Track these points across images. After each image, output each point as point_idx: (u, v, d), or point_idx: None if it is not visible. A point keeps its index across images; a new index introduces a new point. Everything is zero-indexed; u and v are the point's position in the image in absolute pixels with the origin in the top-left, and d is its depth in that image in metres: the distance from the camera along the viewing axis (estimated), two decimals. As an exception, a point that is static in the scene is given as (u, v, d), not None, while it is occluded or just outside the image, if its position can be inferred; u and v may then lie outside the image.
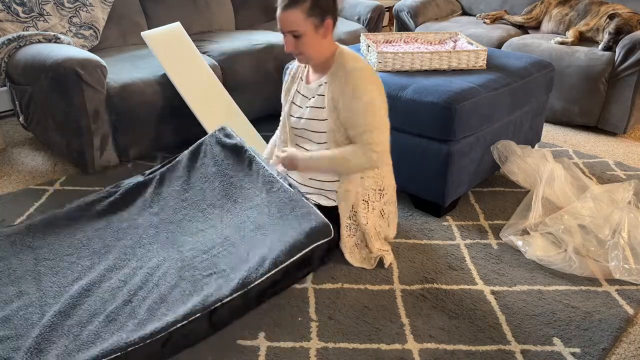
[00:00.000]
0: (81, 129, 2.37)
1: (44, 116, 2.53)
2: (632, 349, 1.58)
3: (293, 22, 1.66)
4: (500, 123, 2.27)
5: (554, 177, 2.20)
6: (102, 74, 2.36)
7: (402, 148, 2.18)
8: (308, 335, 1.59)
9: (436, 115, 2.02)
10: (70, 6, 2.84)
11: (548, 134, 3.13)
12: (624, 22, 2.99)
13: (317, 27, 1.69)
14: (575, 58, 3.03)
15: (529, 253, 1.96)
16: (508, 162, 2.29)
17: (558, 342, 1.58)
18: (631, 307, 1.72)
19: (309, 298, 1.75)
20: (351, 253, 1.89)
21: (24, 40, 2.54)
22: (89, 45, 2.89)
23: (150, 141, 2.62)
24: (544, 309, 1.72)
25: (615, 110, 3.03)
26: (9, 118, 3.25)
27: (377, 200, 1.88)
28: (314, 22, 1.67)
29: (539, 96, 2.48)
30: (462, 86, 2.09)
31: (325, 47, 1.77)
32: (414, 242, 2.06)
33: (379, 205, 1.89)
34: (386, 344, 1.57)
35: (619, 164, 2.73)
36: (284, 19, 1.68)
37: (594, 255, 1.91)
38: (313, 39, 1.71)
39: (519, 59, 2.45)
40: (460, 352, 1.54)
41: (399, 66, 2.29)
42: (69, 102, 2.32)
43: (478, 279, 1.85)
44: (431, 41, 2.64)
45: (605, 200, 2.10)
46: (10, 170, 2.63)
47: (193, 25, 3.30)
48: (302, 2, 1.64)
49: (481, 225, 2.18)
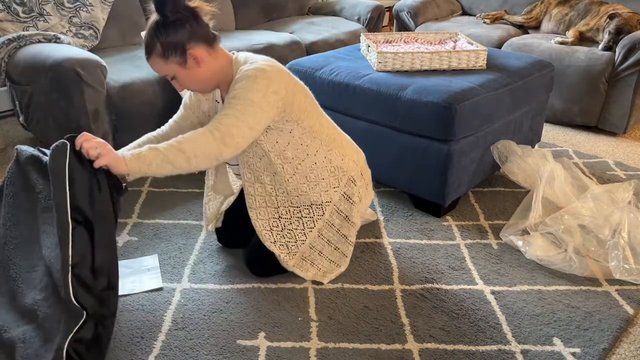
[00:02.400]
0: (81, 129, 2.37)
1: (44, 116, 2.53)
2: (632, 349, 1.58)
3: (158, 69, 1.59)
4: (500, 123, 2.27)
5: (554, 177, 2.19)
6: (102, 73, 2.36)
7: (402, 148, 2.18)
8: (308, 335, 1.59)
9: (436, 115, 2.02)
10: (70, 6, 2.84)
11: (548, 134, 3.13)
12: (624, 22, 2.99)
13: (182, 62, 1.56)
14: (575, 58, 3.03)
15: (529, 253, 1.96)
16: (508, 162, 2.29)
17: (558, 342, 1.58)
18: (631, 307, 1.72)
19: (309, 298, 1.75)
20: (301, 269, 1.82)
21: (24, 40, 2.54)
22: (89, 45, 2.89)
23: (150, 141, 2.62)
24: (544, 309, 1.72)
25: (615, 110, 3.03)
26: (9, 118, 3.25)
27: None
28: (176, 60, 1.55)
29: (539, 96, 2.48)
30: (462, 86, 2.09)
31: (209, 72, 1.62)
32: (414, 242, 2.06)
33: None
34: (386, 344, 1.57)
35: (619, 164, 2.73)
36: (152, 67, 1.61)
37: (594, 255, 1.91)
38: (187, 74, 1.59)
39: (519, 59, 2.45)
40: (460, 352, 1.54)
41: (399, 66, 2.29)
42: (69, 102, 2.32)
43: (478, 279, 1.85)
44: (431, 41, 2.64)
45: (605, 200, 2.10)
46: (10, 170, 2.63)
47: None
48: (154, 47, 1.54)
49: (481, 225, 2.18)
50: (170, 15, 1.52)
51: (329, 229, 1.83)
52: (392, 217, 2.22)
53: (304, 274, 1.81)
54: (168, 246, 2.03)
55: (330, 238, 1.84)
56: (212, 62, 1.62)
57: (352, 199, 1.85)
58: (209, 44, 1.60)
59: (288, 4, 3.93)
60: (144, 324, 1.64)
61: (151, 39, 1.54)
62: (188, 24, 1.54)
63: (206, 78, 1.63)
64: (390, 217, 2.22)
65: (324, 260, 1.83)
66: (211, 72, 1.62)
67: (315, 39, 3.35)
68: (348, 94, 2.24)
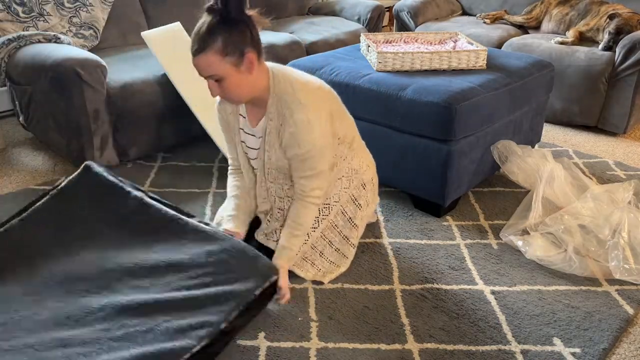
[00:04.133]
0: (81, 129, 2.37)
1: (44, 116, 2.53)
2: (632, 349, 1.58)
3: (208, 66, 1.50)
4: (500, 123, 2.27)
5: (554, 177, 2.19)
6: (102, 74, 2.36)
7: (402, 148, 2.18)
8: (308, 335, 1.59)
9: (436, 115, 2.02)
10: (70, 6, 2.84)
11: (548, 134, 3.13)
12: (624, 22, 2.99)
13: (237, 64, 1.51)
14: (575, 58, 3.03)
15: (529, 253, 1.96)
16: (508, 162, 2.29)
17: (558, 342, 1.58)
18: (631, 307, 1.72)
19: (309, 298, 1.75)
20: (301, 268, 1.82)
21: (24, 40, 2.54)
22: (89, 45, 2.89)
23: (150, 141, 2.62)
24: (544, 309, 1.72)
25: (615, 110, 3.03)
26: (9, 118, 3.25)
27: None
28: (231, 60, 1.50)
29: (539, 96, 2.48)
30: (462, 86, 2.09)
31: (255, 82, 1.59)
32: (414, 242, 2.06)
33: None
34: (386, 344, 1.57)
35: (619, 164, 2.73)
36: (199, 65, 1.52)
37: (594, 255, 1.91)
38: (237, 78, 1.53)
39: (519, 59, 2.45)
40: (460, 352, 1.54)
41: (399, 66, 2.29)
42: (69, 102, 2.32)
43: (478, 279, 1.85)
44: (431, 41, 2.64)
45: (605, 200, 2.10)
46: (10, 170, 2.63)
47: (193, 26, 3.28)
48: (213, 43, 1.47)
49: (481, 225, 2.18)
50: (234, 14, 1.49)
51: (332, 230, 1.83)
52: (392, 217, 2.22)
53: (304, 274, 1.81)
54: (168, 246, 2.02)
55: (333, 239, 1.84)
56: (258, 73, 1.59)
57: (358, 202, 1.88)
58: (259, 55, 1.57)
59: (288, 4, 3.93)
60: (144, 324, 1.64)
61: (210, 33, 1.48)
62: (248, 29, 1.52)
63: (249, 87, 1.59)
64: (390, 217, 2.22)
65: (324, 261, 1.83)
66: (255, 83, 1.60)
67: (315, 39, 3.35)
68: (348, 94, 2.24)
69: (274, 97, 1.63)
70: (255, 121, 1.73)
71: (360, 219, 1.90)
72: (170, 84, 2.55)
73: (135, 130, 2.54)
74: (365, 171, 1.89)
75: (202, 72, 1.54)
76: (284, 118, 1.62)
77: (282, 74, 1.65)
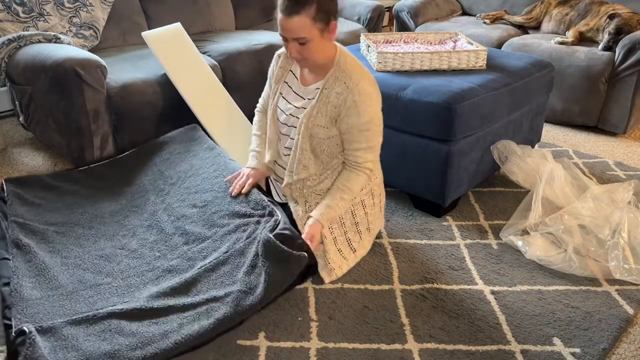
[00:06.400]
0: (81, 129, 2.37)
1: (44, 116, 2.53)
2: (632, 349, 1.58)
3: (299, 28, 1.57)
4: (500, 123, 2.27)
5: (554, 177, 2.20)
6: (102, 74, 2.36)
7: (402, 148, 2.18)
8: (308, 335, 1.59)
9: (436, 115, 2.02)
10: (70, 6, 2.84)
11: (548, 134, 3.13)
12: (624, 22, 3.00)
13: (323, 31, 1.62)
14: (575, 58, 3.03)
15: (529, 253, 1.96)
16: (508, 162, 2.29)
17: (558, 342, 1.58)
18: (631, 307, 1.72)
19: (309, 298, 1.75)
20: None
21: (24, 40, 2.54)
22: (89, 45, 2.89)
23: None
24: (544, 309, 1.72)
25: (615, 110, 3.03)
26: (9, 118, 3.25)
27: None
28: (320, 26, 1.60)
29: (539, 96, 2.48)
30: (462, 86, 2.09)
31: (328, 50, 1.72)
32: (414, 242, 2.06)
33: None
34: (386, 344, 1.57)
35: (619, 164, 2.73)
36: (288, 26, 1.58)
37: (594, 255, 1.91)
38: (319, 44, 1.64)
39: (519, 59, 2.45)
40: (460, 352, 1.54)
41: (399, 66, 2.29)
42: (69, 102, 2.32)
43: (478, 279, 1.85)
44: (431, 41, 2.64)
45: (605, 200, 2.10)
46: (10, 170, 2.63)
47: (193, 26, 3.30)
48: (308, 7, 1.55)
49: (481, 225, 2.18)
50: None
51: (339, 227, 1.84)
52: (392, 217, 2.22)
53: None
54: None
55: (338, 237, 1.84)
56: (331, 43, 1.73)
57: (366, 209, 1.91)
58: (336, 27, 1.70)
59: (288, 4, 3.92)
60: (144, 324, 1.64)
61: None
62: (334, 2, 1.65)
63: (327, 53, 1.71)
64: (390, 217, 2.22)
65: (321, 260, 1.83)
66: (329, 51, 1.72)
67: (315, 39, 3.34)
68: (348, 94, 2.24)
69: (337, 67, 1.73)
70: (307, 83, 1.81)
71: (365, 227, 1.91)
72: (170, 84, 2.55)
73: (135, 131, 2.54)
74: (375, 179, 1.94)
75: (289, 33, 1.61)
76: (347, 87, 1.70)
77: (347, 52, 1.78)
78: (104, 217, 2.05)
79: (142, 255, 1.83)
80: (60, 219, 2.02)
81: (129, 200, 2.14)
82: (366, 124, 1.71)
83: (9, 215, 1.97)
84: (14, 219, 1.96)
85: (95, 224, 2.01)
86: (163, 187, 2.15)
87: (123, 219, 2.03)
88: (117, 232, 1.96)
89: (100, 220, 2.03)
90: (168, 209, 2.02)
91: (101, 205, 2.12)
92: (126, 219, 2.04)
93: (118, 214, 2.06)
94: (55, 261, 1.79)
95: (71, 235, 1.93)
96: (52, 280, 1.70)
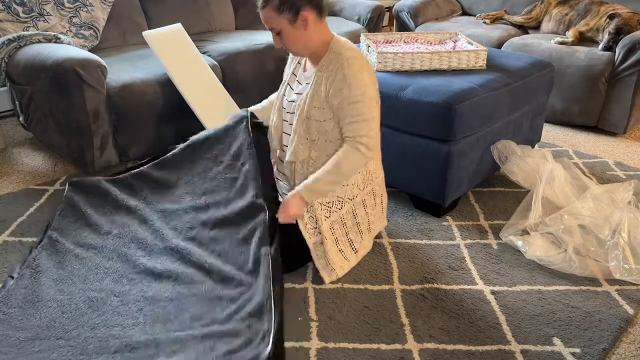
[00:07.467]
0: (81, 129, 2.37)
1: (44, 116, 2.53)
2: (632, 349, 1.58)
3: (268, 19, 1.71)
4: (500, 123, 2.27)
5: (554, 177, 2.20)
6: (102, 74, 2.36)
7: (402, 148, 2.18)
8: (308, 335, 1.59)
9: (436, 115, 2.02)
10: (70, 6, 2.84)
11: (548, 134, 3.13)
12: (624, 22, 3.00)
13: (292, 21, 1.70)
14: (575, 58, 3.03)
15: (529, 253, 1.96)
16: (508, 162, 2.29)
17: (558, 342, 1.58)
18: (631, 307, 1.72)
19: (309, 298, 1.75)
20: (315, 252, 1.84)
21: (24, 40, 2.54)
22: (89, 45, 2.89)
23: (150, 141, 2.62)
24: (544, 309, 1.72)
25: (615, 110, 3.03)
26: (9, 118, 3.26)
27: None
28: (287, 17, 1.69)
29: (539, 96, 2.48)
30: (462, 86, 2.09)
31: (311, 39, 1.75)
32: (414, 242, 2.06)
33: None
34: (386, 344, 1.57)
35: (619, 164, 2.73)
36: (262, 18, 1.74)
37: (594, 255, 1.91)
38: (292, 33, 1.72)
39: (519, 59, 2.45)
40: (460, 352, 1.54)
41: (399, 66, 2.29)
42: (69, 102, 2.32)
43: (478, 279, 1.85)
44: (431, 41, 2.64)
45: (605, 200, 2.10)
46: (10, 170, 2.63)
47: (193, 26, 3.30)
48: (271, 1, 1.68)
49: (481, 225, 2.18)
50: None
51: (340, 227, 1.84)
52: (392, 217, 2.22)
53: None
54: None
55: (339, 237, 1.84)
56: (316, 31, 1.76)
57: (367, 209, 1.91)
58: (319, 13, 1.74)
59: (288, 4, 3.92)
60: (144, 324, 1.64)
61: None
62: None
63: (309, 41, 1.76)
64: (390, 217, 2.22)
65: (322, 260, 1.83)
66: (312, 40, 1.76)
67: (315, 39, 3.34)
68: (348, 94, 2.25)
69: (331, 51, 1.77)
70: (307, 70, 1.88)
71: (365, 226, 1.91)
72: (170, 84, 2.55)
73: (135, 130, 2.54)
74: (377, 178, 1.93)
75: (265, 24, 1.75)
76: (338, 63, 1.74)
77: (344, 40, 1.81)
78: (129, 247, 1.87)
79: (127, 312, 1.62)
80: (91, 240, 1.90)
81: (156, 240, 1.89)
82: (357, 96, 1.72)
83: (49, 229, 1.92)
84: (50, 233, 1.91)
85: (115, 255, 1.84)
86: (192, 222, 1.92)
87: (146, 261, 1.81)
88: (127, 273, 1.78)
89: (123, 253, 1.85)
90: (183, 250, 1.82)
91: (132, 230, 1.93)
92: (148, 260, 1.82)
93: (141, 250, 1.87)
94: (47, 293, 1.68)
95: (85, 265, 1.81)
96: (27, 318, 1.59)
